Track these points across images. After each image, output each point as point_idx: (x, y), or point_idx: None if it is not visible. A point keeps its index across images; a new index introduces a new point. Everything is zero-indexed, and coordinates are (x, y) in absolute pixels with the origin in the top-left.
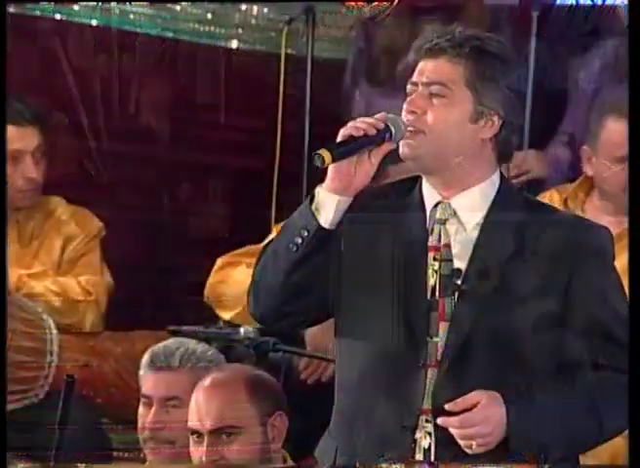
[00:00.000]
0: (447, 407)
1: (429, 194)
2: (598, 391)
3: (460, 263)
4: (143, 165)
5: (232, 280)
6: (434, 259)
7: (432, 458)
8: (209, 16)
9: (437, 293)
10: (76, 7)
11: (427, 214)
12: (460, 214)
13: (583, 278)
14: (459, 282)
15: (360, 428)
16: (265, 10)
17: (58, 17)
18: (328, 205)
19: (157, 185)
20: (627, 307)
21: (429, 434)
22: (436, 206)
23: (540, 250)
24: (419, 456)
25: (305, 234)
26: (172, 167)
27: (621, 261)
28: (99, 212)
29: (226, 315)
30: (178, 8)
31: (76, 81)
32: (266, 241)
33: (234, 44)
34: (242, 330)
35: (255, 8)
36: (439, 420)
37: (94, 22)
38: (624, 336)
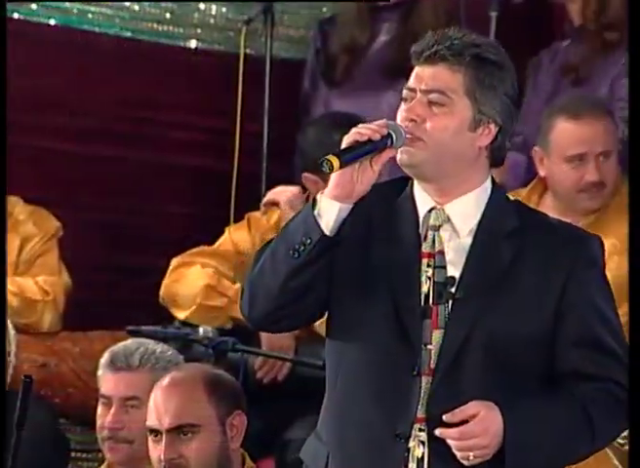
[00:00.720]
0: (445, 418)
1: (422, 199)
2: (591, 401)
3: (453, 271)
4: (101, 165)
5: (186, 280)
6: (428, 266)
7: None
8: (167, 15)
9: (431, 301)
10: (34, 6)
11: (420, 219)
12: (454, 220)
13: (578, 288)
14: (452, 290)
15: (352, 435)
16: (224, 9)
17: (16, 16)
18: (330, 212)
19: (115, 185)
20: (617, 318)
21: (423, 443)
22: (430, 211)
23: (534, 257)
24: (412, 466)
25: (308, 241)
26: (130, 166)
27: None
28: (56, 211)
29: (181, 314)
30: (136, 7)
31: (34, 81)
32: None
33: (193, 44)
34: (201, 329)
35: (213, 8)
36: (437, 431)
37: (52, 22)
38: (617, 348)
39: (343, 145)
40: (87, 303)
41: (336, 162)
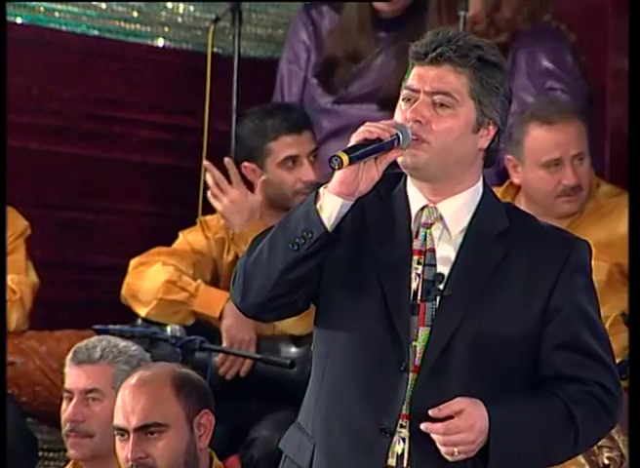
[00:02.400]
0: (431, 412)
1: (415, 197)
2: (575, 402)
3: (443, 269)
4: (69, 163)
5: (147, 277)
6: (418, 263)
7: (405, 464)
8: (135, 14)
9: (419, 298)
10: None
11: (412, 216)
12: (446, 219)
13: (565, 292)
14: (441, 287)
15: (339, 428)
16: (192, 8)
17: None
18: (331, 208)
19: (83, 184)
20: (601, 323)
21: (403, 439)
22: (422, 209)
23: (523, 258)
24: (391, 462)
25: (310, 236)
26: (97, 165)
27: None
28: (24, 210)
29: (142, 311)
30: (103, 6)
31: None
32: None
33: (160, 42)
34: (169, 328)
35: (181, 6)
36: (423, 426)
37: (19, 20)
38: (602, 352)
39: (352, 142)
40: (54, 302)
41: (345, 158)
